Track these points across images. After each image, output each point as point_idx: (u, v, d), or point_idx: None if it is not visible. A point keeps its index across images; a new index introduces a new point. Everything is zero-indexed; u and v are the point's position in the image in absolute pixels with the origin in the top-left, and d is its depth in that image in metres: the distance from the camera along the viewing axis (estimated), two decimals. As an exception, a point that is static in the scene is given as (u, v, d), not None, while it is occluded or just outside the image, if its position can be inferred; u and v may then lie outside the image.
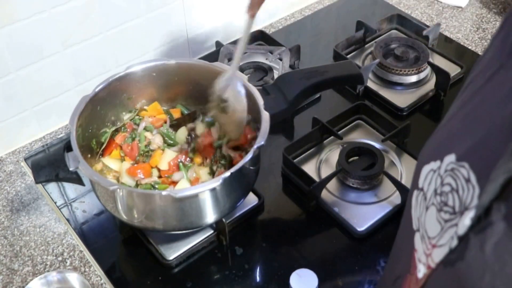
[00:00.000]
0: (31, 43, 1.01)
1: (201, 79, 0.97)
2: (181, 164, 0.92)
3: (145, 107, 1.00)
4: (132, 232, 0.94)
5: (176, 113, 1.01)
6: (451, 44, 1.31)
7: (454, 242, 0.40)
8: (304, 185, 0.98)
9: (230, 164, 0.91)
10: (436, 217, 0.43)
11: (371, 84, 1.19)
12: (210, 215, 0.86)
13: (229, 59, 1.22)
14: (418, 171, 0.48)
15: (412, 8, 1.42)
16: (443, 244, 0.42)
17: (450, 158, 0.43)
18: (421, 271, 0.45)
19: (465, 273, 0.38)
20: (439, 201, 0.43)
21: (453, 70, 1.20)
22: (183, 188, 0.86)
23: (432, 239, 0.44)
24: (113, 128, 0.96)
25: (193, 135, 0.97)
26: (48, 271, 0.90)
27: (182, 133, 0.97)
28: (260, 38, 1.30)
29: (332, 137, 1.07)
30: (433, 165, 0.45)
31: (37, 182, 0.88)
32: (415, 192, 0.48)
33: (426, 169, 0.47)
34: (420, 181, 0.47)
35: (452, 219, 0.41)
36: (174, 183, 0.91)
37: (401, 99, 1.15)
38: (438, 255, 0.42)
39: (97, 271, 0.90)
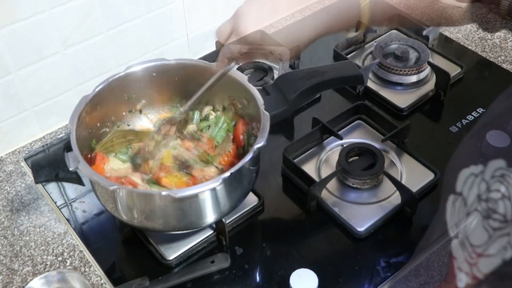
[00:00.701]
0: (31, 43, 1.01)
1: (201, 79, 0.97)
2: None
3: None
4: (132, 232, 0.94)
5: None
6: (451, 44, 1.31)
7: (509, 253, 0.39)
8: (304, 185, 0.98)
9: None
10: (483, 225, 0.42)
11: (371, 84, 1.19)
12: (210, 215, 0.86)
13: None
14: (453, 175, 0.46)
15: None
16: (493, 254, 0.40)
17: (498, 163, 0.42)
18: (463, 281, 0.43)
19: None
20: (485, 207, 0.42)
21: (453, 70, 1.20)
22: (183, 188, 0.86)
23: (477, 248, 0.42)
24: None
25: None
26: (48, 271, 0.90)
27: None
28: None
29: (332, 137, 1.07)
30: (474, 169, 0.44)
31: (37, 182, 0.89)
32: (452, 197, 0.46)
33: (465, 173, 0.45)
34: (459, 185, 0.45)
35: (502, 228, 0.40)
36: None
37: (401, 99, 1.15)
38: (487, 265, 0.41)
39: (97, 271, 0.90)
